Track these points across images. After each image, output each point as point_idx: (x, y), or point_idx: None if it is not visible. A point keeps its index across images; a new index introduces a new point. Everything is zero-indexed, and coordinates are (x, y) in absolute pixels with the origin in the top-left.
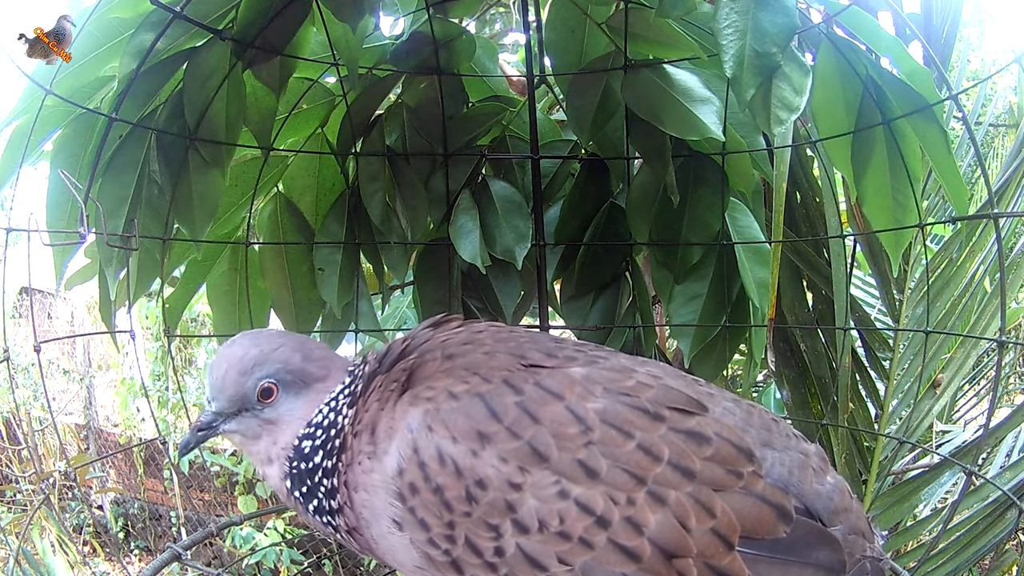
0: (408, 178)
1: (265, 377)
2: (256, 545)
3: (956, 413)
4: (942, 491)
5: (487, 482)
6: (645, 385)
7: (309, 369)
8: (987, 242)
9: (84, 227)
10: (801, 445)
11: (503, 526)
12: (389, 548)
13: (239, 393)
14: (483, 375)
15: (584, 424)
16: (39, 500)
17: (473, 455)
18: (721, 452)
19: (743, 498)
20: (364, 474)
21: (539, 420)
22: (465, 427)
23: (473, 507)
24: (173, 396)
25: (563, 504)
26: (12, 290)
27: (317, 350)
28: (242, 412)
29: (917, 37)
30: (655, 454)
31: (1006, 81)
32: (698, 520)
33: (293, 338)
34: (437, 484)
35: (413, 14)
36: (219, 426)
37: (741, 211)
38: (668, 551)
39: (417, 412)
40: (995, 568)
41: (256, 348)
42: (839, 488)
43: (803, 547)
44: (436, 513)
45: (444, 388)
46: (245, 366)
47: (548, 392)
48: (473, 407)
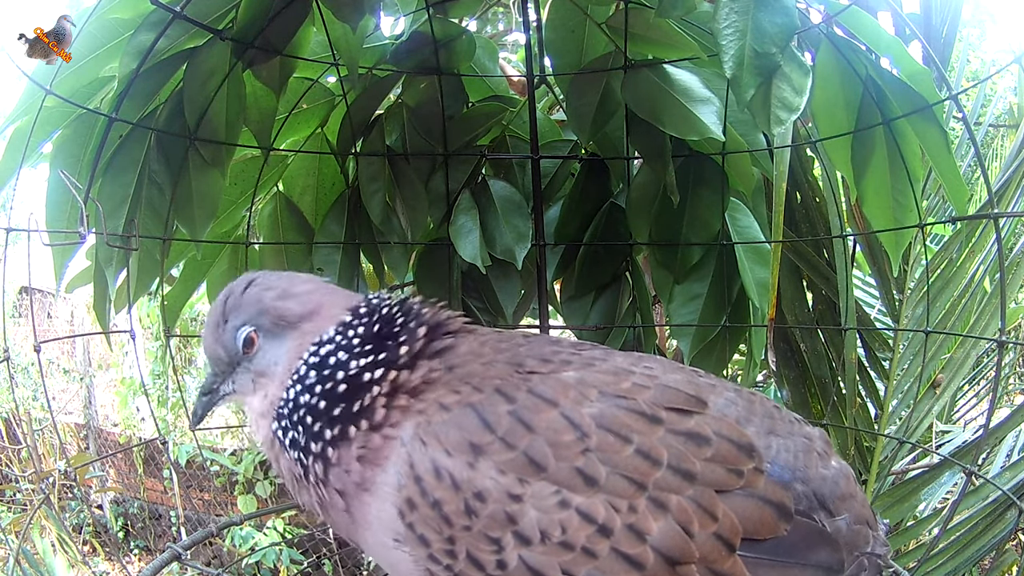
0: (408, 178)
1: (242, 325)
2: (256, 545)
3: (956, 413)
4: (942, 491)
5: (486, 494)
6: (641, 387)
7: (287, 307)
8: (987, 242)
9: (84, 227)
10: (804, 429)
11: (504, 539)
12: (390, 563)
13: (223, 347)
14: (475, 384)
15: (580, 431)
16: (39, 500)
17: (470, 467)
18: (721, 451)
19: (744, 500)
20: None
21: (533, 429)
22: (457, 439)
23: (473, 520)
24: (173, 395)
25: (564, 514)
26: (12, 289)
27: (302, 284)
28: (235, 368)
29: (917, 37)
30: (654, 458)
31: (1006, 82)
32: (700, 525)
33: (271, 276)
34: (435, 499)
35: (413, 14)
36: (219, 388)
37: (741, 211)
38: (672, 558)
39: (408, 425)
40: (995, 568)
41: (229, 295)
42: (844, 473)
43: (803, 548)
44: (436, 528)
45: (435, 400)
46: (218, 317)
47: (541, 399)
48: (465, 418)
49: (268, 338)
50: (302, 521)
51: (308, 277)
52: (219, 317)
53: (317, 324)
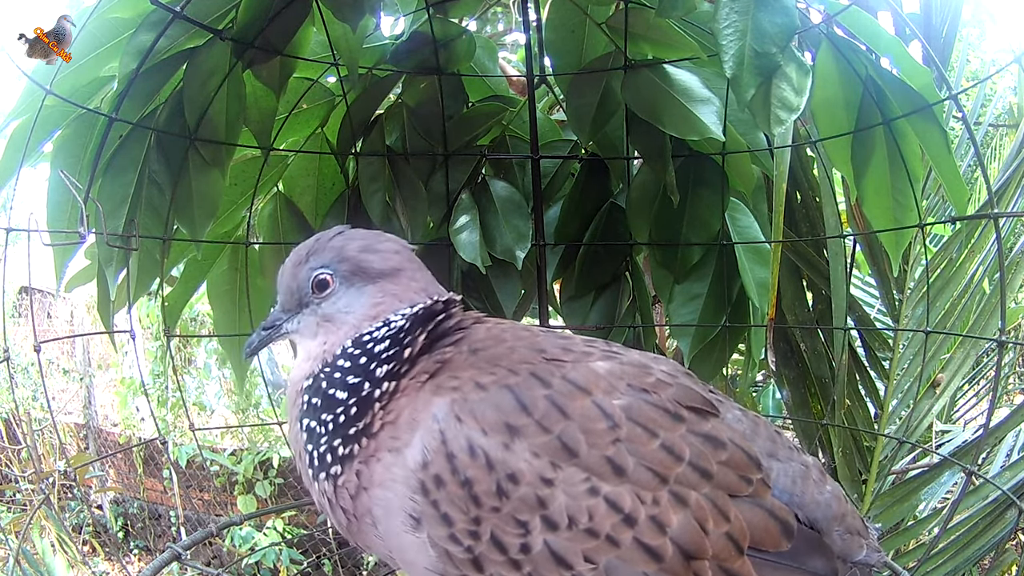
0: (408, 178)
1: (320, 267)
2: (256, 545)
3: (956, 413)
4: (942, 491)
5: (519, 476)
6: (664, 383)
7: (368, 259)
8: (987, 242)
9: (84, 227)
10: (802, 457)
11: (532, 522)
12: (399, 547)
13: (295, 285)
14: (508, 367)
15: (612, 420)
16: (39, 500)
17: (505, 448)
18: (735, 458)
19: (753, 508)
20: (384, 469)
21: (568, 415)
22: (495, 419)
23: (503, 502)
24: (173, 395)
25: (593, 501)
26: (12, 289)
27: (386, 242)
28: (303, 308)
29: (917, 37)
30: (677, 453)
31: (1006, 82)
32: (715, 523)
33: (361, 230)
34: (466, 477)
35: (413, 14)
36: (282, 324)
37: (741, 211)
38: (688, 552)
39: (443, 402)
40: (995, 568)
41: (318, 239)
42: (836, 495)
43: (803, 554)
44: (462, 507)
45: (470, 379)
46: (303, 255)
47: (575, 386)
48: (502, 398)
49: (345, 285)
50: (302, 521)
51: (394, 238)
52: (303, 256)
53: (398, 288)
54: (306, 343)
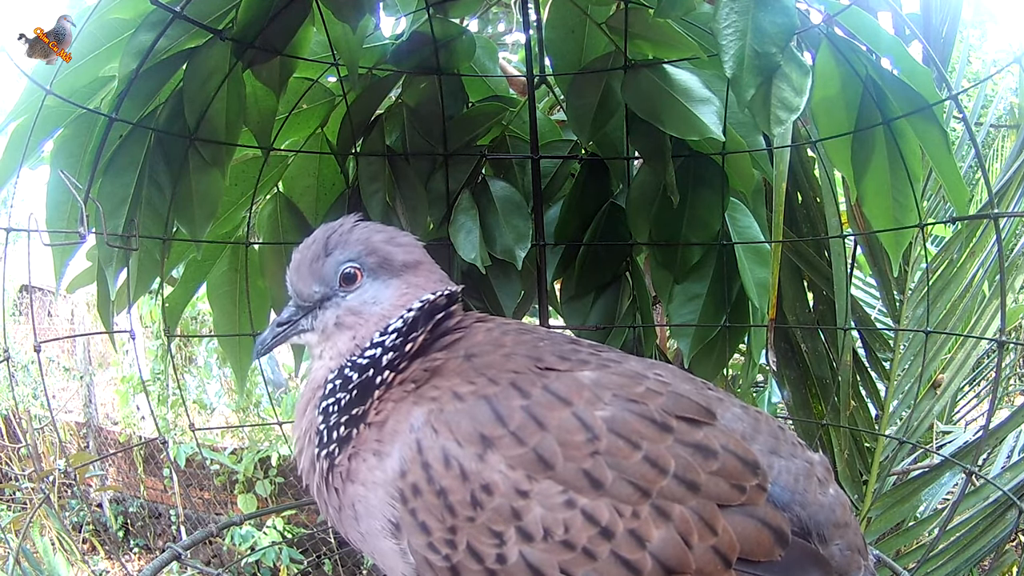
0: (408, 178)
1: (347, 261)
2: (256, 544)
3: (956, 414)
4: (943, 491)
5: (493, 487)
6: (655, 392)
7: (393, 252)
8: (987, 243)
9: (84, 227)
10: (806, 454)
11: (507, 533)
12: (379, 552)
13: (319, 280)
14: (491, 376)
15: (591, 432)
16: (39, 498)
17: (479, 459)
18: (727, 466)
19: (744, 519)
20: (368, 470)
21: (545, 426)
22: (469, 430)
23: (478, 512)
24: (173, 394)
25: (569, 514)
26: (12, 288)
27: (404, 235)
28: (324, 303)
29: (917, 37)
30: (661, 466)
31: (1007, 82)
32: (700, 537)
33: (372, 223)
34: (441, 487)
35: (413, 14)
36: (298, 321)
37: (741, 211)
38: (668, 566)
39: (420, 412)
40: (995, 568)
41: (333, 231)
42: (840, 501)
43: (796, 567)
44: (438, 516)
45: (449, 388)
46: (319, 250)
47: (556, 397)
48: (478, 409)
49: (371, 278)
50: (302, 520)
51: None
52: (320, 250)
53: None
54: (327, 343)
